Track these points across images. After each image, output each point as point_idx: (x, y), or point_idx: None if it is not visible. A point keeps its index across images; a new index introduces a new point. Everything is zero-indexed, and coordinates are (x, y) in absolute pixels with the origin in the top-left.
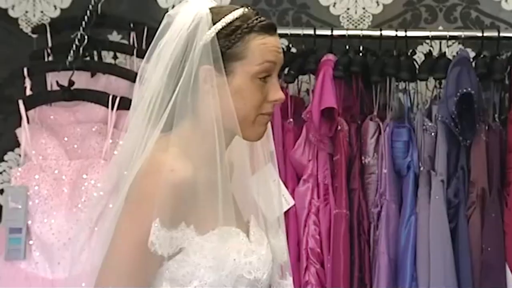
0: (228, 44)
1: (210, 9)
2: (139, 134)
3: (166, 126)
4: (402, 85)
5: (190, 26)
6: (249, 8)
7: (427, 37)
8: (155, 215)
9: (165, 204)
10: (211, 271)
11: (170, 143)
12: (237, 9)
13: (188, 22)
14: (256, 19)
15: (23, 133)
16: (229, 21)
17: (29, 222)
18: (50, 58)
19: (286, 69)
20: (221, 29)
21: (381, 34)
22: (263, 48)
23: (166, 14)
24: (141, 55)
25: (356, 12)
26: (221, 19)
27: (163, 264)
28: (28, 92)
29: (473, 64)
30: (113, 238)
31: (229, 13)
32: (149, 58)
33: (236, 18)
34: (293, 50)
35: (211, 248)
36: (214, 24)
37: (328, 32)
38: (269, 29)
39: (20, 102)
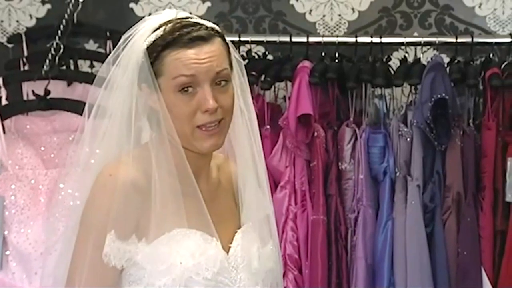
0: (151, 61)
1: (163, 23)
2: (110, 144)
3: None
4: (378, 91)
5: (136, 48)
6: (182, 20)
7: (402, 43)
8: (110, 227)
9: (112, 211)
10: (161, 276)
11: (127, 153)
12: (174, 23)
13: (144, 36)
14: (178, 33)
15: None
16: (152, 39)
17: (6, 232)
18: (26, 67)
19: (263, 76)
20: (147, 47)
21: (356, 40)
22: (177, 63)
23: (124, 35)
24: None
25: (332, 19)
26: (147, 38)
27: (124, 269)
28: (4, 101)
29: (447, 69)
30: (74, 249)
31: (160, 28)
32: (114, 61)
33: (159, 37)
34: (270, 57)
35: (159, 254)
36: None
37: (304, 39)
38: (186, 43)
39: None
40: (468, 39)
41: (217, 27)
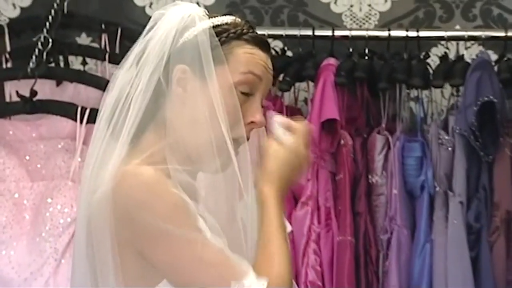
0: (211, 45)
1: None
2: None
3: (132, 137)
4: (414, 93)
5: (179, 25)
6: (246, 20)
7: (442, 38)
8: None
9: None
10: None
11: (132, 157)
12: (235, 18)
13: (177, 22)
14: (248, 29)
15: None
16: (217, 23)
17: None
18: (9, 65)
19: (281, 76)
20: (206, 28)
21: (389, 34)
22: (250, 58)
23: (154, 13)
24: (114, 60)
25: (360, 10)
26: (210, 19)
27: None
28: None
29: (495, 68)
30: (173, 254)
31: (221, 17)
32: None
33: (226, 23)
34: (289, 53)
35: None
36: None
37: (329, 33)
38: (261, 44)
39: None
40: None
41: None
